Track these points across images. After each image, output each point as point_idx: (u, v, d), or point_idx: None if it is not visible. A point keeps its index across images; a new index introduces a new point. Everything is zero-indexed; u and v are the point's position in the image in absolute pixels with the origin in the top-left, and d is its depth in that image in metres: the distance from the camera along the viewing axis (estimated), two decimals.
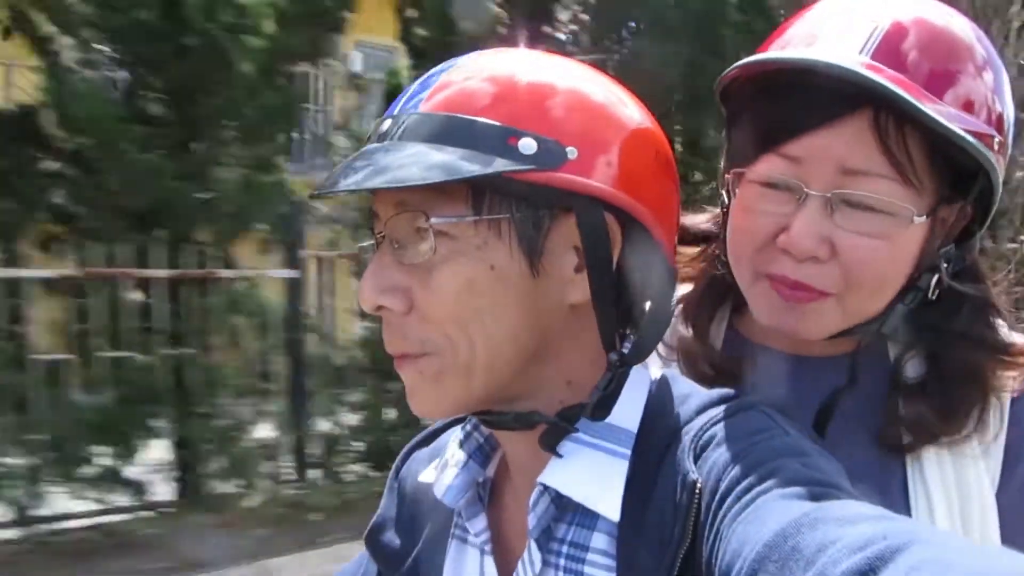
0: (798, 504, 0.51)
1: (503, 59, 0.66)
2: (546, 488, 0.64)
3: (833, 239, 0.75)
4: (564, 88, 0.64)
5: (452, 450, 0.74)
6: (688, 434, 0.62)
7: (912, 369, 0.84)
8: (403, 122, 0.63)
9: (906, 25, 0.75)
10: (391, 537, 0.79)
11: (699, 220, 0.92)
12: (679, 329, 0.90)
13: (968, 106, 0.75)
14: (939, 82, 0.74)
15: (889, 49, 0.74)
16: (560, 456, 0.64)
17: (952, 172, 0.75)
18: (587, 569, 0.63)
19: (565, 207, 0.62)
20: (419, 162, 0.59)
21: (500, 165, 0.59)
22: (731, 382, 0.75)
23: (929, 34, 0.76)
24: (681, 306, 0.91)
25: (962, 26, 0.78)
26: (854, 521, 0.46)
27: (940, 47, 0.76)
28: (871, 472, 0.80)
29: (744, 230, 0.80)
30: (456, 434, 0.75)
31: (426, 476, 0.75)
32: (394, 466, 0.84)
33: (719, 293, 0.90)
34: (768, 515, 0.51)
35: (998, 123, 0.77)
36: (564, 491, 0.63)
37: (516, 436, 0.68)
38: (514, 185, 0.60)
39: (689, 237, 0.91)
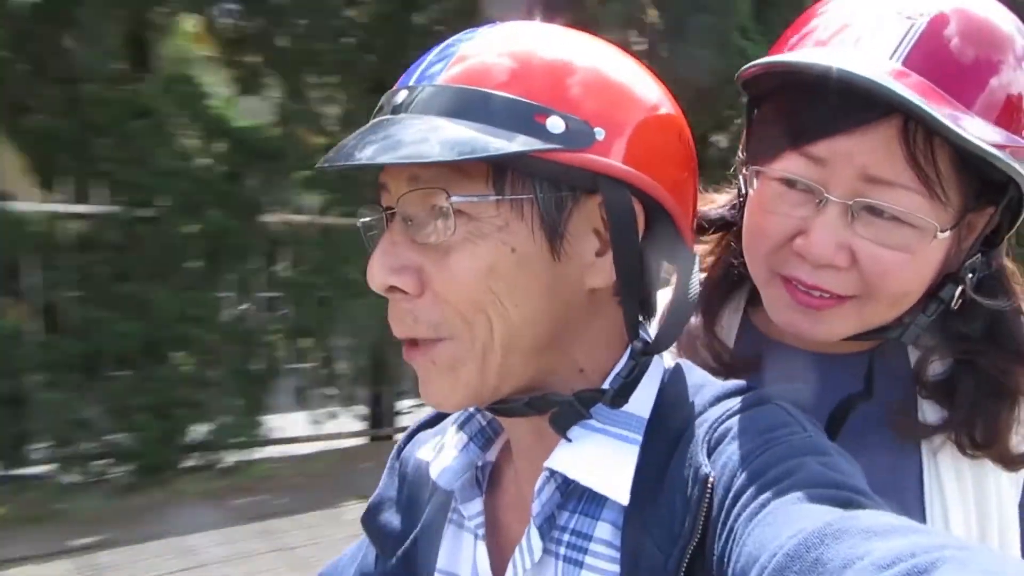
0: (820, 509, 0.49)
1: (525, 33, 0.63)
2: (552, 473, 0.62)
3: (853, 247, 0.73)
4: (590, 67, 0.61)
5: (451, 432, 0.72)
6: (702, 426, 0.60)
7: (933, 366, 0.82)
8: (419, 94, 0.60)
9: (944, 22, 0.71)
10: (389, 518, 0.78)
11: (716, 205, 0.90)
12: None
13: (1005, 106, 0.72)
14: (975, 85, 0.71)
15: (924, 52, 0.70)
16: (569, 440, 0.63)
17: (980, 183, 0.73)
18: (588, 559, 0.61)
19: (588, 189, 0.60)
20: (438, 136, 0.56)
21: (527, 143, 0.57)
22: (738, 376, 0.73)
23: (968, 30, 0.72)
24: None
25: (1003, 17, 0.75)
26: (881, 534, 0.44)
27: (980, 44, 0.72)
28: (885, 476, 0.78)
29: (760, 230, 0.78)
30: (457, 416, 0.73)
31: (424, 454, 0.74)
32: (396, 446, 0.82)
33: (732, 284, 0.88)
34: (788, 519, 0.49)
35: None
36: (572, 475, 0.61)
37: (522, 421, 0.66)
38: (538, 164, 0.58)
39: (706, 224, 0.89)
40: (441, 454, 0.71)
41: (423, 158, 0.55)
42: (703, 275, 0.89)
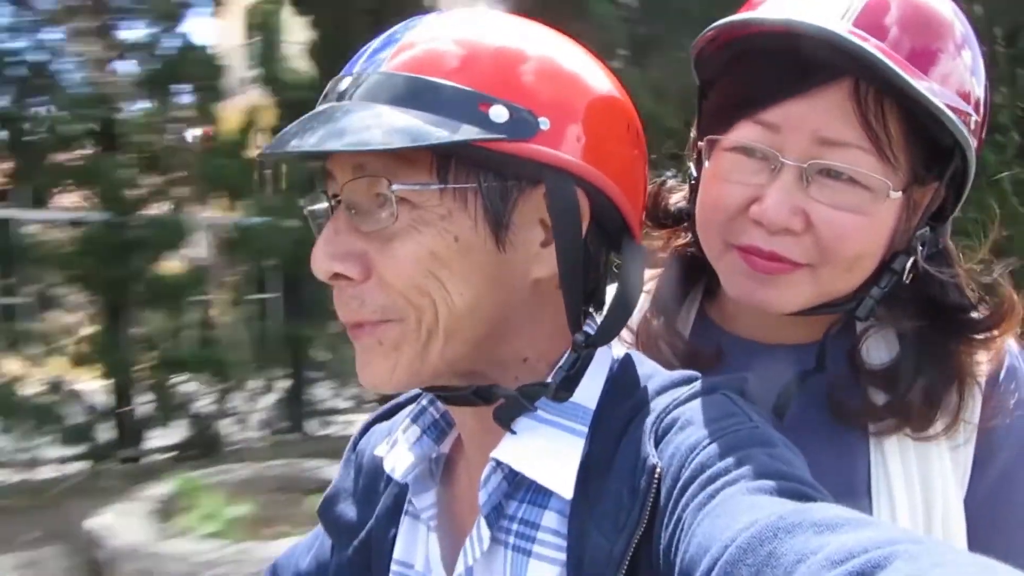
0: (770, 501, 0.49)
1: (472, 21, 0.62)
2: (499, 464, 0.62)
3: (808, 211, 0.73)
4: (537, 55, 0.61)
5: (405, 425, 0.72)
6: (650, 415, 0.60)
7: (878, 354, 0.82)
8: (363, 81, 0.59)
9: (884, 5, 0.73)
10: (345, 509, 0.78)
11: (674, 198, 0.90)
12: (644, 312, 0.87)
13: (947, 84, 0.73)
14: (920, 57, 0.72)
15: (870, 19, 0.72)
16: (514, 432, 0.62)
17: (927, 149, 0.74)
18: (536, 548, 0.61)
19: (534, 179, 0.60)
20: (382, 125, 0.56)
21: (470, 132, 0.56)
22: (696, 369, 0.71)
23: (911, 8, 0.74)
24: (649, 288, 0.88)
25: (942, 3, 0.76)
26: (833, 527, 0.44)
27: (921, 23, 0.74)
28: (834, 461, 0.79)
29: (715, 199, 0.78)
30: (410, 409, 0.73)
31: (380, 450, 0.73)
32: (352, 439, 0.82)
33: (689, 275, 0.88)
34: (738, 511, 0.49)
35: (975, 106, 0.76)
36: (516, 467, 0.61)
37: (471, 412, 0.66)
38: (482, 154, 0.57)
39: (663, 217, 0.89)
40: (395, 447, 0.71)
41: (364, 146, 0.55)
42: (658, 270, 0.89)
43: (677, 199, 0.89)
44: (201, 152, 6.58)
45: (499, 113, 0.57)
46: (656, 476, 0.56)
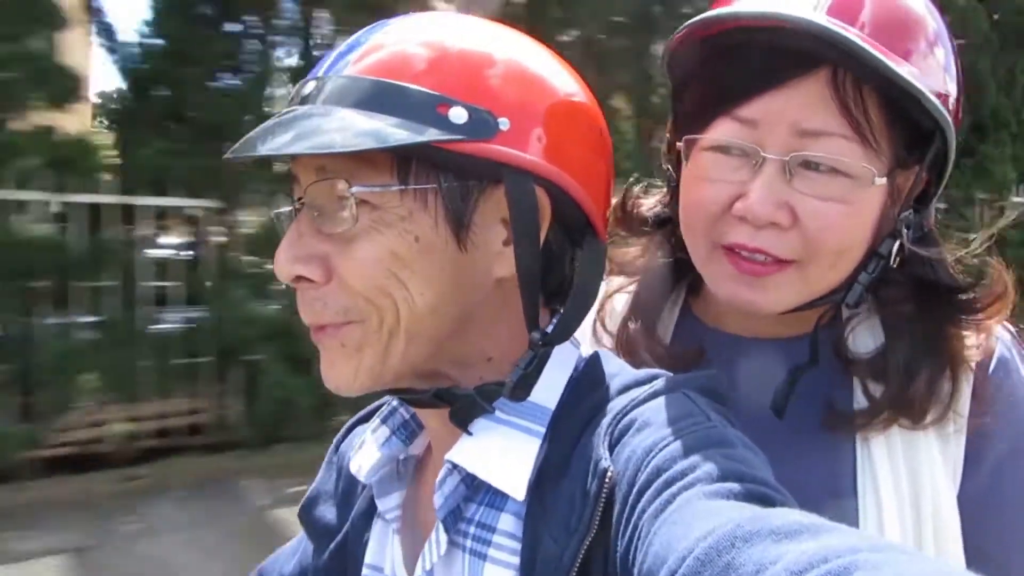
0: (727, 507, 0.48)
1: (437, 24, 0.63)
2: (455, 466, 0.62)
3: (793, 204, 0.72)
4: (499, 57, 0.61)
5: (375, 425, 0.72)
6: (607, 416, 0.60)
7: (864, 343, 0.80)
8: (329, 85, 0.60)
9: (858, 4, 0.72)
10: (324, 512, 0.78)
11: (648, 203, 0.88)
12: (624, 317, 0.86)
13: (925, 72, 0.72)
14: (894, 50, 0.71)
15: (843, 10, 0.71)
16: (470, 434, 0.62)
17: (908, 133, 0.73)
18: (492, 552, 0.61)
19: (495, 179, 0.60)
20: (344, 128, 0.57)
21: (429, 134, 0.57)
22: (681, 369, 0.71)
23: (882, 6, 0.73)
24: (630, 290, 0.88)
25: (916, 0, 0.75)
26: (792, 535, 0.43)
27: (894, 20, 0.73)
28: (820, 458, 0.77)
29: (698, 200, 0.76)
30: (381, 411, 0.73)
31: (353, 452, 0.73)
32: (334, 441, 0.82)
33: (671, 279, 0.86)
34: (694, 518, 0.48)
35: (948, 101, 0.75)
36: (470, 468, 0.61)
37: (436, 414, 0.66)
38: (442, 155, 0.58)
39: (641, 223, 0.88)
40: (363, 449, 0.71)
41: (324, 149, 0.56)
42: (637, 277, 0.88)
43: (652, 204, 0.88)
44: None
45: (458, 114, 0.58)
46: (608, 480, 0.55)
